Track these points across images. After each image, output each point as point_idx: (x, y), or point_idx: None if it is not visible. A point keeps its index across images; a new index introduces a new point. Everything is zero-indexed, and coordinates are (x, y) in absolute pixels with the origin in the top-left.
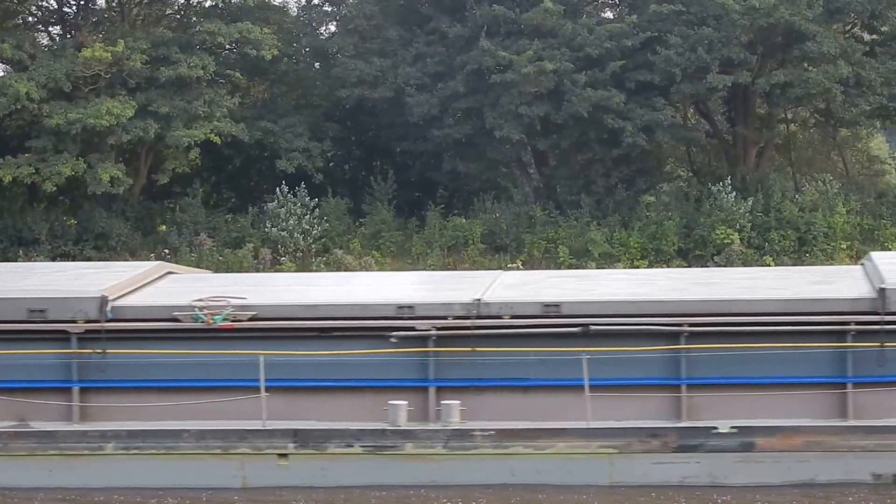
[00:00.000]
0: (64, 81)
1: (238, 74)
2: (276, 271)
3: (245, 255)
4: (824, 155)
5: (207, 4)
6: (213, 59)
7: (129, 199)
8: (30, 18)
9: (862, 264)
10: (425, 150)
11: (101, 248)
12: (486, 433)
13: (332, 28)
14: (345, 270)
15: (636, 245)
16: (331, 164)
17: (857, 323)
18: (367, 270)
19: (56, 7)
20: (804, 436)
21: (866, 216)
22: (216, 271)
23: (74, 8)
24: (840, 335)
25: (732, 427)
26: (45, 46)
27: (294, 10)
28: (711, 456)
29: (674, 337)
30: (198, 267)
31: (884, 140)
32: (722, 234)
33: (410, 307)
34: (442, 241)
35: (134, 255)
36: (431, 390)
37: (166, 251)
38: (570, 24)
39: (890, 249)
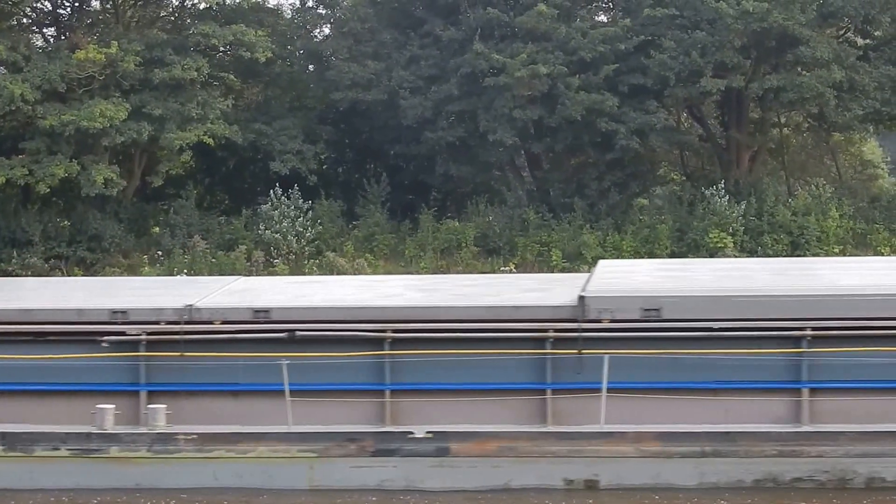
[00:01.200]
0: (58, 83)
1: (232, 76)
2: (268, 274)
3: (238, 258)
4: (817, 159)
5: (202, 7)
6: (207, 62)
7: (122, 201)
8: (24, 20)
9: (591, 270)
10: (419, 152)
11: (95, 249)
12: (189, 437)
13: (327, 31)
14: (338, 273)
15: (629, 248)
16: (324, 167)
17: (557, 330)
18: (359, 273)
19: (50, 9)
20: (498, 441)
21: (859, 220)
22: (209, 273)
23: (69, 9)
24: (540, 342)
25: (428, 432)
26: (40, 48)
27: (288, 13)
28: (408, 460)
29: (378, 343)
30: (190, 269)
31: (877, 144)
32: (715, 237)
33: (124, 312)
34: (435, 244)
35: (127, 257)
36: (142, 394)
37: (159, 253)
38: (564, 27)
39: (882, 254)
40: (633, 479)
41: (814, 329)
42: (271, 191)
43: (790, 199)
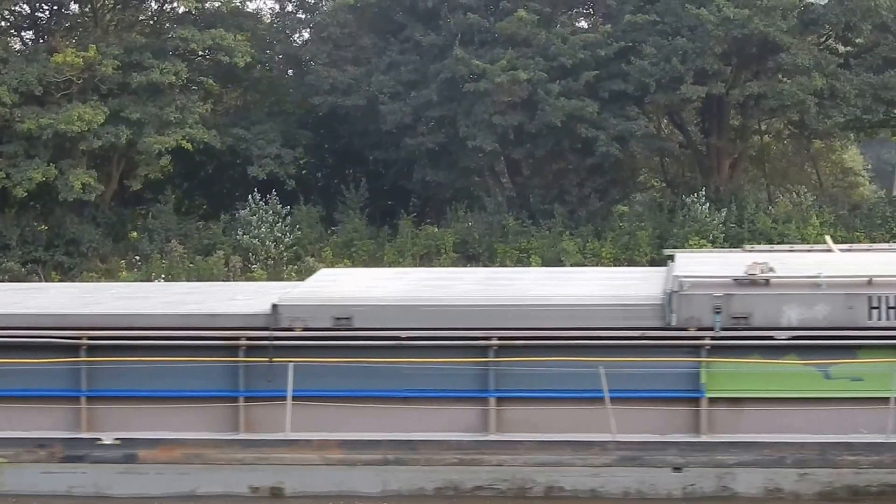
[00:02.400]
0: (36, 86)
1: (211, 81)
2: (246, 279)
3: (216, 263)
4: (798, 167)
5: (181, 11)
6: (186, 66)
7: (100, 206)
8: (2, 23)
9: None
10: (398, 158)
11: (72, 254)
12: None
13: (306, 35)
14: None
15: (609, 255)
16: (303, 172)
17: (249, 338)
18: None
19: (29, 12)
20: (185, 448)
21: (840, 228)
22: (187, 279)
23: (47, 13)
24: (234, 350)
25: (116, 439)
26: (18, 51)
27: (267, 18)
28: (96, 467)
29: (74, 350)
30: (168, 274)
31: (858, 152)
32: (695, 244)
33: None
34: (414, 250)
35: (105, 262)
36: None
37: (137, 258)
38: (544, 33)
39: None
40: (317, 486)
41: (500, 339)
42: (249, 196)
43: (771, 207)
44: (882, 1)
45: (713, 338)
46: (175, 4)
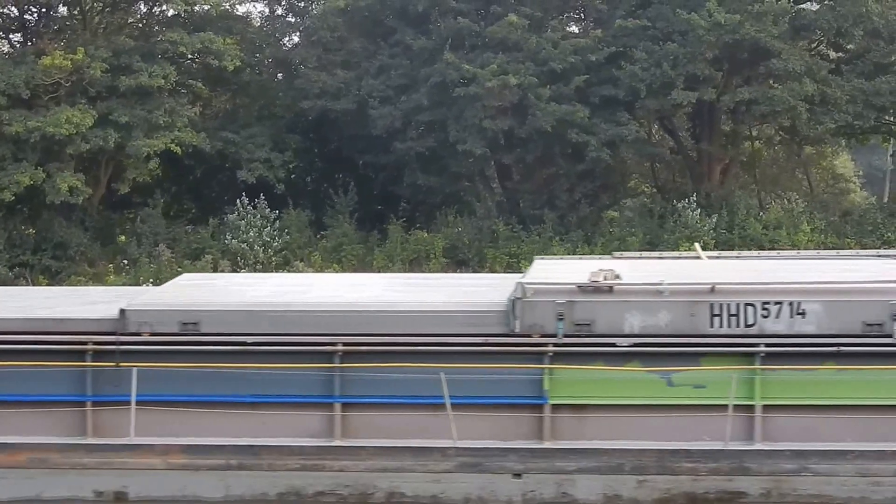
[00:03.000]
0: (23, 89)
1: (200, 84)
2: None
3: (204, 267)
4: (789, 173)
5: (170, 14)
6: (175, 69)
7: (88, 209)
8: None
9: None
10: (388, 162)
11: (60, 258)
12: None
13: (296, 39)
14: None
15: None
16: (292, 176)
17: (96, 343)
18: None
19: (17, 14)
20: (29, 453)
21: (830, 235)
22: None
23: (35, 15)
24: (82, 355)
25: None
26: (6, 53)
27: (257, 21)
28: None
29: None
30: (156, 278)
31: (849, 158)
32: (685, 250)
33: None
34: (403, 255)
35: (93, 266)
36: None
37: (125, 262)
38: (535, 38)
39: None
40: (160, 491)
41: (345, 345)
42: (238, 200)
43: (761, 213)
44: (873, 7)
45: (556, 344)
46: (164, 7)
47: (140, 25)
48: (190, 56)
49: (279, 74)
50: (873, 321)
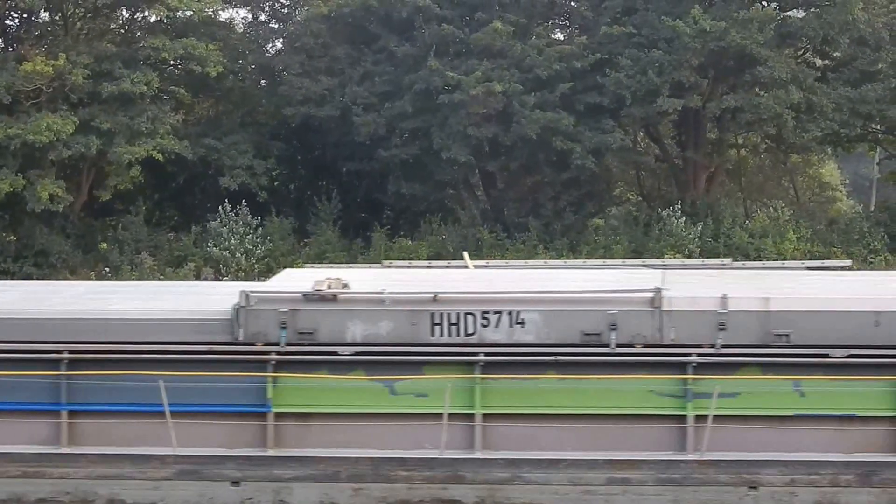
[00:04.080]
0: (4, 95)
1: (182, 91)
2: None
3: (187, 275)
4: (775, 181)
5: (152, 20)
6: (158, 75)
7: (70, 216)
8: None
9: None
10: (372, 170)
11: (42, 265)
12: None
13: (279, 45)
14: None
15: None
16: (275, 183)
17: None
18: None
19: None
20: None
21: (816, 243)
22: None
23: (17, 21)
24: None
25: None
26: None
27: (240, 27)
28: None
29: None
30: None
31: (835, 167)
32: (671, 258)
33: None
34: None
35: (74, 273)
36: None
37: (107, 269)
38: (520, 44)
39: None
40: None
41: (71, 352)
42: (220, 207)
43: (747, 221)
44: (859, 15)
45: (279, 353)
46: (146, 13)
47: (122, 31)
48: (172, 62)
49: (262, 81)
50: (591, 331)
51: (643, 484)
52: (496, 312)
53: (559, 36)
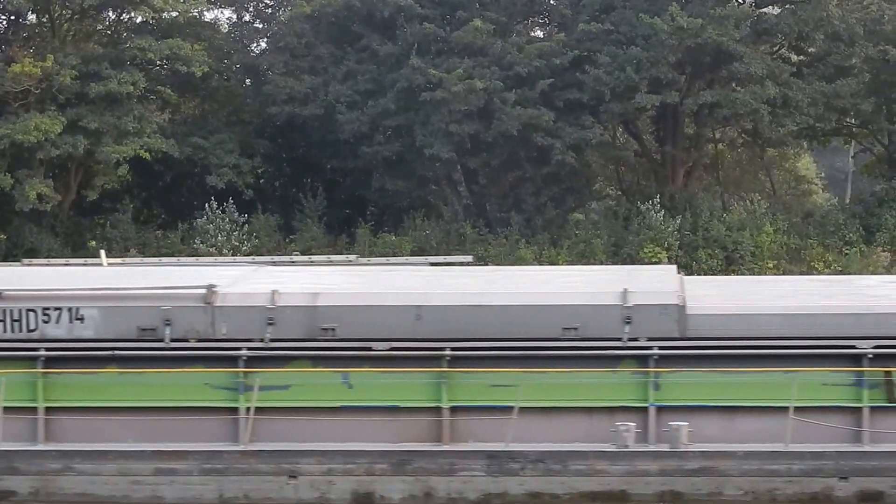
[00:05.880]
0: None
1: (169, 90)
2: None
3: None
4: (752, 174)
5: (138, 20)
6: (144, 76)
7: (58, 215)
8: None
9: None
10: (356, 167)
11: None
12: None
13: (263, 45)
14: None
15: (565, 262)
16: (261, 181)
17: None
18: None
19: None
20: None
21: (793, 235)
22: None
23: (4, 23)
24: None
25: None
26: None
27: (225, 28)
28: None
29: None
30: None
31: (811, 160)
32: (650, 252)
33: None
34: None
35: None
36: None
37: None
38: (500, 42)
39: (816, 268)
40: None
41: None
42: (207, 205)
43: (725, 214)
44: (834, 11)
45: None
46: (132, 15)
47: (109, 33)
48: (158, 62)
49: (247, 80)
50: (147, 326)
51: (189, 474)
52: (56, 309)
53: (539, 34)
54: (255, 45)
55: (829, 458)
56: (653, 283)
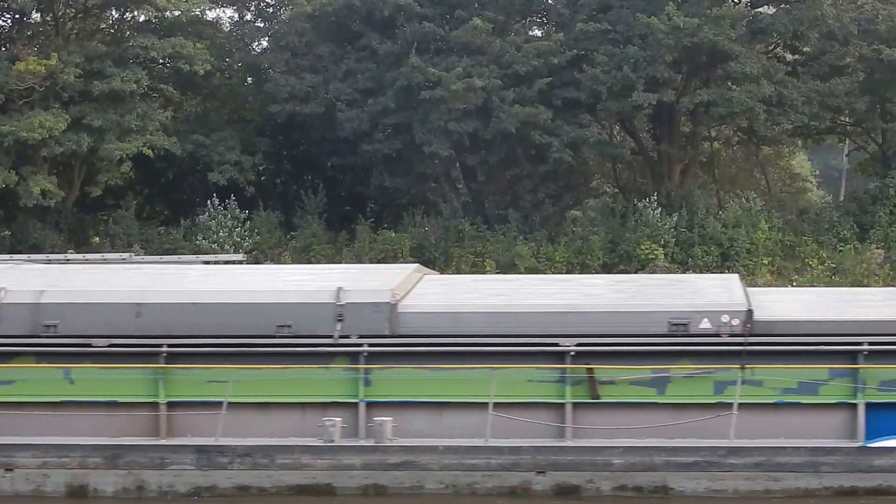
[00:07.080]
0: None
1: (171, 88)
2: None
3: None
4: (747, 172)
5: (141, 19)
6: (147, 74)
7: (62, 211)
8: None
9: None
10: (355, 164)
11: None
12: None
13: (265, 44)
14: None
15: (562, 259)
16: (262, 178)
17: None
18: None
19: None
20: None
21: (788, 233)
22: None
23: (9, 21)
24: None
25: None
26: None
27: (227, 26)
28: None
29: None
30: None
31: (805, 158)
32: (647, 249)
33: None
34: (372, 255)
35: None
36: None
37: None
38: (499, 41)
39: (810, 266)
40: None
41: None
42: (209, 201)
43: (720, 212)
44: (829, 10)
45: None
46: (136, 13)
47: (112, 31)
48: (161, 61)
49: (248, 79)
50: None
51: None
52: None
53: (537, 33)
54: (256, 43)
55: (526, 453)
56: (377, 281)
